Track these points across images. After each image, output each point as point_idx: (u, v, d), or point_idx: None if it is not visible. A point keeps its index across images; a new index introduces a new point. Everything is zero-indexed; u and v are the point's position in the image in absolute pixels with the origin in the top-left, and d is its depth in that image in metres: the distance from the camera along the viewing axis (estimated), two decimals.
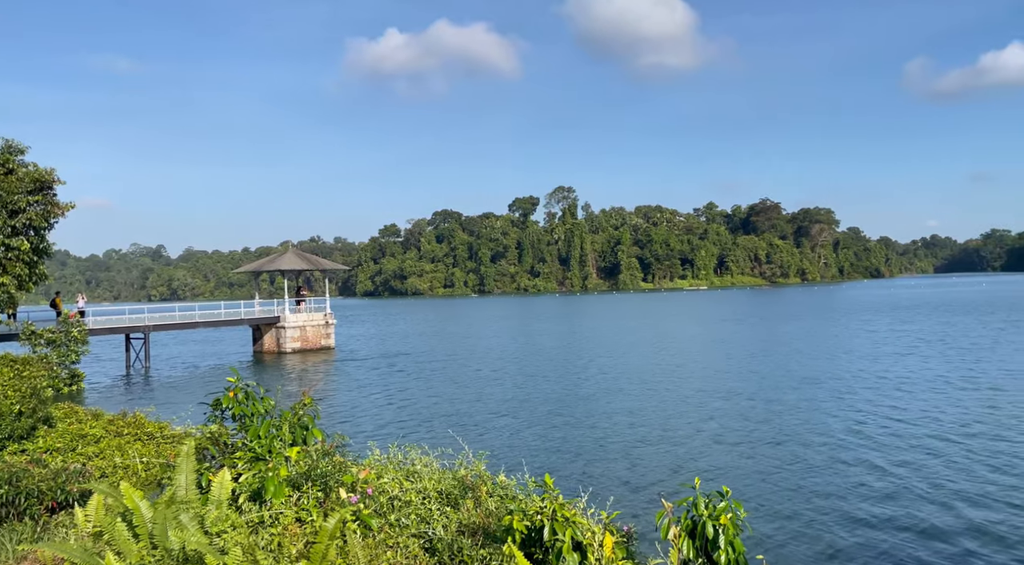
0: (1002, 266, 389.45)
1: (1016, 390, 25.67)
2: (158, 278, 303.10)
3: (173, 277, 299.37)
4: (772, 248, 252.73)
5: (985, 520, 12.76)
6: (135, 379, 38.49)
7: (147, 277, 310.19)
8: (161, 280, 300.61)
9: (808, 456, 17.62)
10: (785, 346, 43.79)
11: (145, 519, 5.07)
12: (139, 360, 43.82)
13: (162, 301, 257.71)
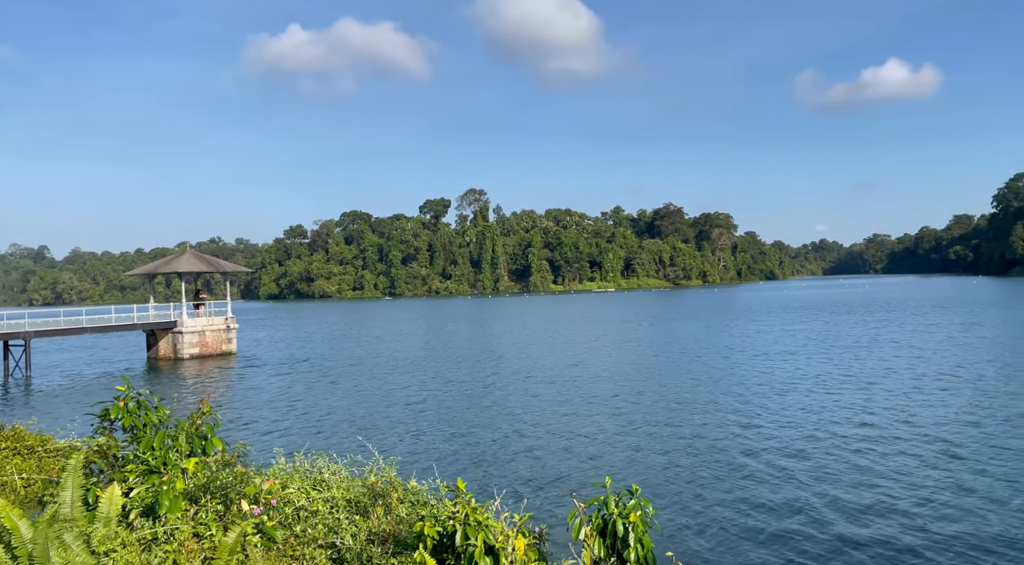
0: (883, 268, 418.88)
1: (890, 384, 27.56)
2: (41, 281, 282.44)
3: (58, 280, 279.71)
4: (675, 251, 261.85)
5: (865, 507, 13.62)
6: (14, 389, 35.72)
7: (28, 280, 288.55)
8: (44, 283, 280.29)
9: (708, 452, 18.31)
10: (686, 346, 45.42)
11: (24, 540, 4.67)
12: (19, 369, 40.71)
13: (45, 305, 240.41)
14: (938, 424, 20.18)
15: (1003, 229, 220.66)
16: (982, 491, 14.19)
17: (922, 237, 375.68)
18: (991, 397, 23.78)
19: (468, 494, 5.35)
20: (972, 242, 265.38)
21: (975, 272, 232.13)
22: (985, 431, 19.10)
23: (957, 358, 34.17)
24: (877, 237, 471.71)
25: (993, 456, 16.71)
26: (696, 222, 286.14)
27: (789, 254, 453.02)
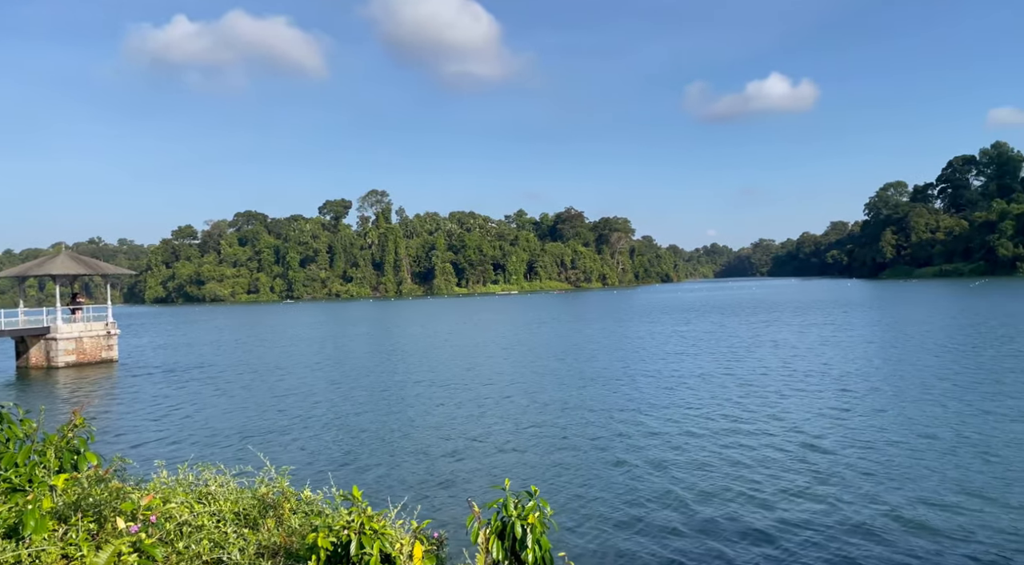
0: (768, 271, 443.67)
1: (766, 382, 29.12)
2: None
3: None
4: (577, 255, 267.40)
5: (735, 496, 14.33)
6: None
7: None
8: None
9: (598, 451, 18.66)
10: (583, 347, 46.39)
11: None
12: None
13: None
14: (805, 419, 21.38)
15: (873, 235, 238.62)
16: (838, 481, 15.18)
17: (803, 242, 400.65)
18: (853, 394, 25.39)
19: (364, 502, 5.21)
20: (847, 247, 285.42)
21: (849, 275, 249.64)
22: (846, 424, 20.39)
23: (827, 356, 36.49)
24: (763, 242, 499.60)
25: (849, 446, 17.87)
26: (596, 226, 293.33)
27: (683, 257, 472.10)
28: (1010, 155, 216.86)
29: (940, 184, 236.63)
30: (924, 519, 12.69)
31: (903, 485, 14.66)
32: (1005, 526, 12.21)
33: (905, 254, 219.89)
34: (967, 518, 12.64)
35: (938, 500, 13.56)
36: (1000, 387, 25.31)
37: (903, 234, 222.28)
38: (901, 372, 29.80)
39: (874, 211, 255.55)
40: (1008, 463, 15.90)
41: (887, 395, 24.70)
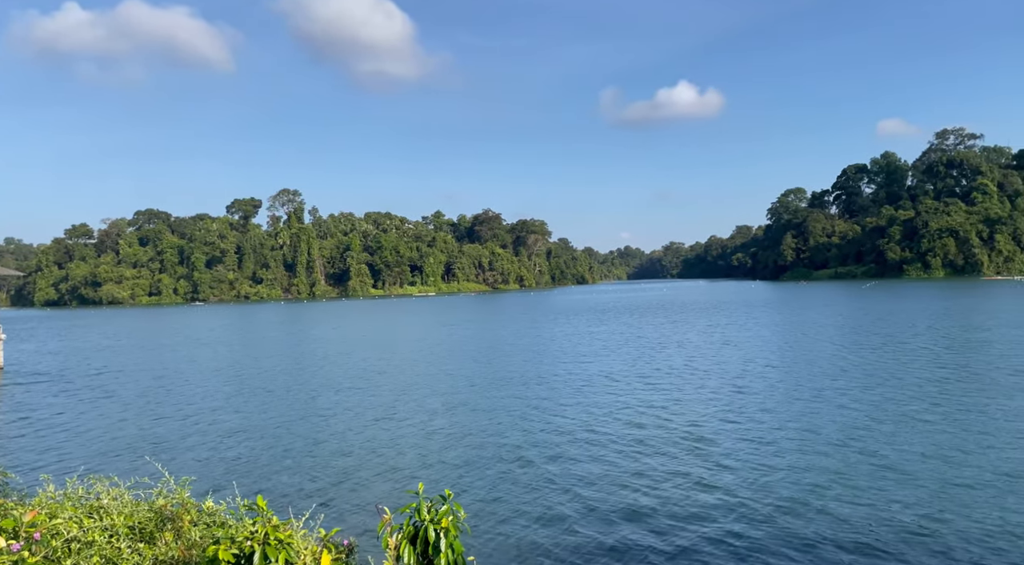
0: (678, 273, 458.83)
1: (671, 382, 30.10)
2: None
3: None
4: (494, 256, 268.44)
5: (664, 497, 14.76)
6: None
7: None
8: None
9: (514, 454, 18.74)
10: (500, 348, 46.58)
11: None
12: None
13: None
14: (702, 418, 22.11)
15: (775, 239, 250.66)
16: (729, 477, 15.86)
17: (711, 245, 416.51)
18: (748, 393, 26.47)
19: (270, 512, 5.02)
20: (751, 250, 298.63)
21: (753, 277, 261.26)
22: (739, 423, 21.19)
23: (727, 356, 38.00)
24: (673, 245, 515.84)
25: (740, 444, 18.63)
26: (513, 228, 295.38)
27: (598, 259, 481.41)
28: (898, 164, 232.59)
29: (835, 191, 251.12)
30: (804, 513, 13.35)
31: (786, 480, 15.39)
32: (885, 517, 13.02)
33: (804, 257, 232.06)
34: (848, 511, 13.41)
35: (818, 495, 14.26)
36: (886, 385, 27.00)
37: (802, 238, 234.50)
38: (795, 371, 31.32)
39: (776, 216, 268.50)
40: (886, 458, 16.96)
41: (780, 393, 25.81)
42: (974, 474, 14.95)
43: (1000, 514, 12.63)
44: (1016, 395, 23.29)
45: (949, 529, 12.06)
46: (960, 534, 11.84)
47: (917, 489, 14.19)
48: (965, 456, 16.35)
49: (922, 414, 21.05)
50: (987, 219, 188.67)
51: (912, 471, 15.41)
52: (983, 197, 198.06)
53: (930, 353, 34.67)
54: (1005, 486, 14.12)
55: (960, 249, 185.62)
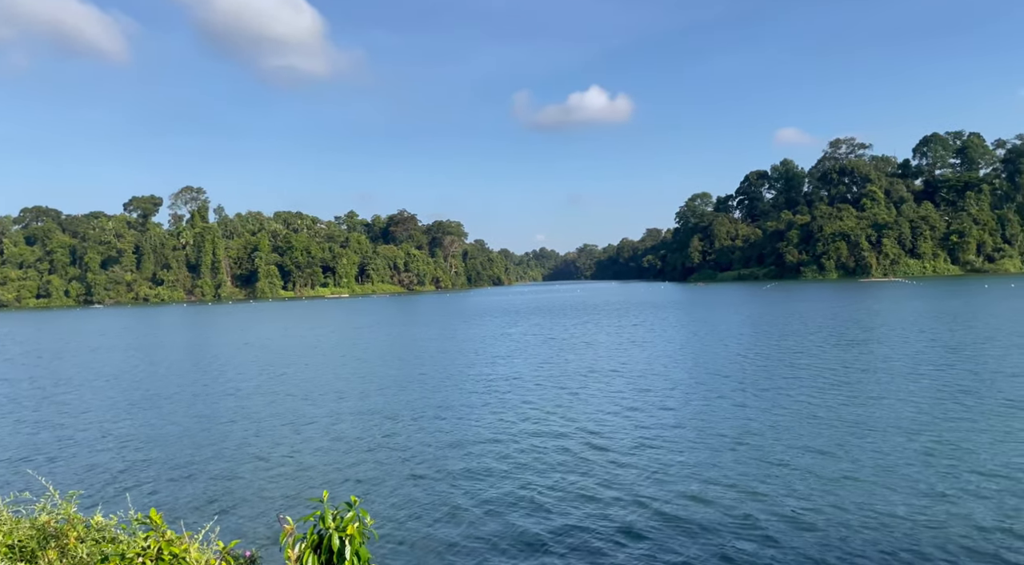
0: (592, 274, 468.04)
1: (576, 383, 30.67)
2: None
3: None
4: (410, 257, 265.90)
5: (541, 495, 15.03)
6: None
7: None
8: None
9: (421, 458, 18.63)
10: (411, 351, 46.16)
11: None
12: None
13: None
14: (604, 418, 22.58)
15: (683, 242, 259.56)
16: (626, 474, 16.39)
17: (622, 247, 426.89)
18: (650, 392, 27.30)
19: (163, 525, 4.80)
20: (660, 252, 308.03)
21: (663, 278, 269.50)
22: (638, 423, 21.81)
23: (634, 356, 39.12)
24: (587, 247, 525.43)
25: (638, 443, 19.20)
26: (429, 229, 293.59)
27: (514, 261, 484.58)
28: (795, 172, 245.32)
29: (739, 196, 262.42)
30: (695, 506, 13.92)
31: (680, 474, 16.01)
32: (770, 508, 13.73)
33: (710, 259, 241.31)
34: (743, 509, 14.07)
35: (711, 493, 14.81)
36: (781, 384, 28.41)
37: (708, 241, 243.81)
38: (695, 370, 32.52)
39: (684, 220, 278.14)
40: (773, 452, 17.89)
41: (680, 392, 26.67)
42: (853, 467, 15.91)
43: (875, 504, 13.54)
44: (897, 390, 24.97)
45: (826, 518, 12.83)
46: (836, 523, 12.62)
47: (802, 481, 15.01)
48: (842, 449, 17.41)
49: (813, 410, 22.27)
50: (875, 224, 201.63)
51: (797, 464, 16.30)
52: (872, 203, 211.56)
53: (820, 351, 36.70)
54: (881, 479, 15.14)
55: (851, 252, 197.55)
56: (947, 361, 30.92)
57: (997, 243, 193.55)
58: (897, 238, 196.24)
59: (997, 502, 13.17)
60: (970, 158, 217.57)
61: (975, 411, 20.79)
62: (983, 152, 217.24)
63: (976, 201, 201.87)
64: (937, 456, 16.28)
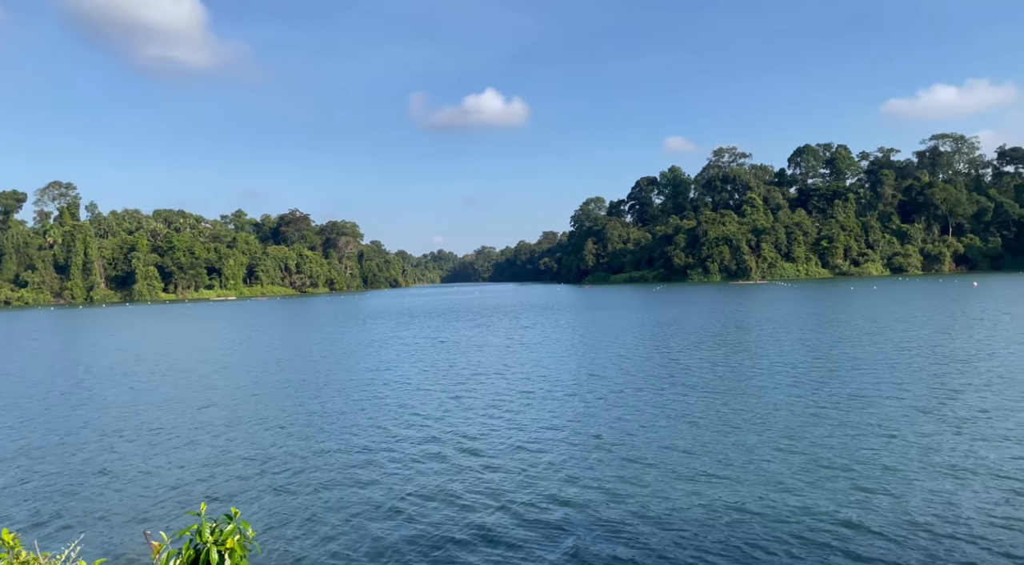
0: (490, 277, 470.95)
1: (461, 387, 30.86)
2: None
3: None
4: (302, 259, 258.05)
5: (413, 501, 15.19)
6: None
7: None
8: None
9: (307, 464, 18.30)
10: (297, 356, 44.87)
11: None
12: None
13: None
14: (486, 419, 23.11)
15: (578, 245, 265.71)
16: (497, 476, 16.90)
17: (520, 250, 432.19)
18: (533, 397, 28.00)
19: (17, 545, 4.45)
20: (556, 255, 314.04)
21: (559, 280, 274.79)
22: (517, 425, 22.32)
23: (521, 357, 39.83)
24: (485, 249, 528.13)
25: (515, 446, 19.75)
26: (323, 230, 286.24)
27: (412, 263, 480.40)
28: (682, 178, 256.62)
29: (630, 201, 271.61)
30: (554, 514, 14.48)
31: (544, 480, 16.48)
32: (654, 513, 14.35)
33: (603, 262, 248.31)
34: (604, 509, 14.75)
35: (576, 495, 15.40)
36: (656, 385, 29.60)
37: (602, 244, 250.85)
38: (578, 372, 33.34)
39: (578, 223, 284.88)
40: (645, 455, 18.70)
41: (560, 394, 27.30)
42: (712, 464, 16.93)
43: (730, 499, 14.53)
44: (760, 388, 26.67)
45: (684, 516, 13.66)
46: (693, 520, 13.49)
47: (663, 480, 15.79)
48: (703, 447, 18.48)
49: (684, 408, 23.47)
50: (755, 229, 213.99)
51: (662, 463, 17.18)
52: (751, 210, 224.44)
53: (695, 350, 38.61)
54: (738, 475, 16.21)
55: (733, 256, 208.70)
56: (807, 359, 33.27)
57: (861, 248, 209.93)
58: (774, 243, 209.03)
59: (843, 493, 14.40)
60: (838, 169, 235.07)
61: (825, 406, 22.55)
62: (849, 163, 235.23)
63: (843, 209, 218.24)
64: (787, 451, 17.58)
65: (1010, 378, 26.09)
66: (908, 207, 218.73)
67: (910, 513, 12.82)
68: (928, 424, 19.45)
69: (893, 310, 63.02)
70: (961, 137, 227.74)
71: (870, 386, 25.50)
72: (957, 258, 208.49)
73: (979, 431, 18.47)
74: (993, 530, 11.96)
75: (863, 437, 18.31)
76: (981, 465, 15.49)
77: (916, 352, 34.07)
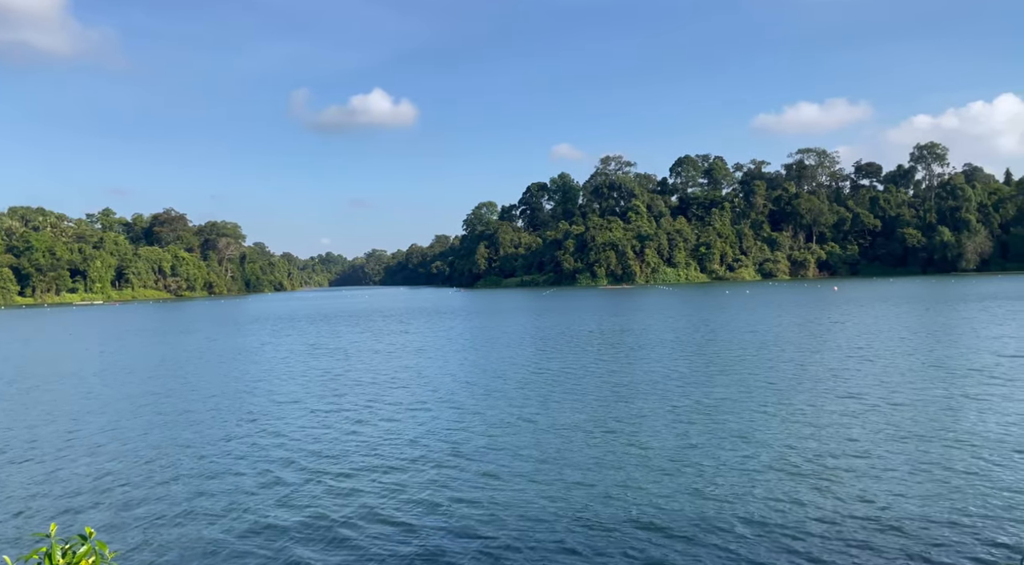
0: (380, 280, 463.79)
1: (337, 390, 29.93)
2: None
3: None
4: (178, 260, 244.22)
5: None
6: None
7: None
8: None
9: (163, 477, 17.15)
10: (163, 364, 42.10)
11: None
12: None
13: None
14: (353, 425, 22.61)
15: (470, 249, 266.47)
16: (363, 483, 16.50)
17: (412, 253, 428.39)
18: (403, 406, 27.57)
19: None
20: (449, 259, 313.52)
21: (451, 284, 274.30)
22: (365, 440, 21.81)
23: (400, 363, 39.25)
24: (376, 252, 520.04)
25: (382, 455, 19.45)
26: (201, 230, 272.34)
27: (298, 266, 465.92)
28: (571, 185, 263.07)
29: (521, 206, 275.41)
30: (429, 513, 14.28)
31: (376, 498, 16.20)
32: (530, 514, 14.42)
33: (495, 266, 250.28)
34: (467, 511, 14.59)
35: (412, 512, 15.28)
36: (517, 391, 29.70)
37: (494, 248, 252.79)
38: (445, 379, 33.06)
39: (471, 227, 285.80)
40: (486, 465, 18.74)
41: (425, 402, 27.02)
42: (550, 468, 17.09)
43: (566, 505, 14.63)
44: (620, 390, 27.33)
45: (522, 525, 13.64)
46: (539, 525, 13.48)
47: (505, 489, 15.78)
48: (539, 450, 18.62)
49: (531, 414, 23.60)
50: (639, 235, 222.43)
51: (505, 472, 17.12)
52: (636, 216, 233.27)
53: (559, 354, 39.26)
54: (580, 478, 16.39)
55: (619, 261, 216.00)
56: (674, 358, 34.48)
57: (736, 255, 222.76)
58: (657, 249, 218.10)
59: (688, 492, 14.81)
60: (715, 179, 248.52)
61: (689, 410, 23.32)
62: (725, 174, 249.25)
63: (720, 217, 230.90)
64: (644, 453, 17.95)
65: (847, 379, 28.37)
66: (777, 216, 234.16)
67: (753, 513, 13.29)
68: (776, 425, 20.42)
69: (764, 314, 67.29)
70: (823, 151, 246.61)
71: (735, 385, 26.60)
72: (820, 264, 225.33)
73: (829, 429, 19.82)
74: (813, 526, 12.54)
75: (721, 439, 18.93)
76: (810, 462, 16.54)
77: (779, 352, 36.22)
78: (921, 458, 16.56)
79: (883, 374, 28.70)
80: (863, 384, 26.53)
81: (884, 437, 18.60)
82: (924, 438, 18.35)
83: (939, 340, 39.93)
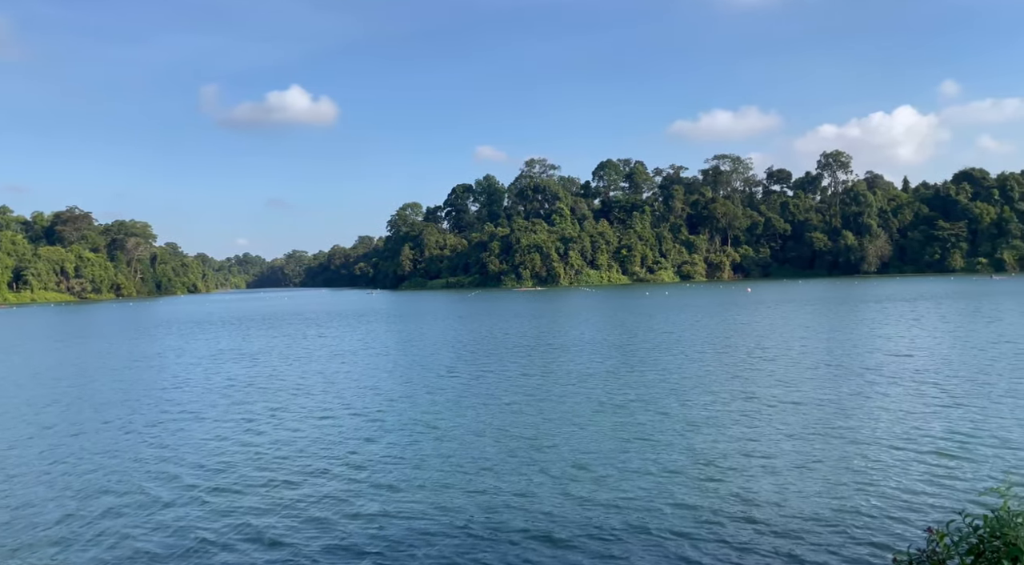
0: (301, 282, 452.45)
1: (248, 397, 28.94)
2: None
3: None
4: (82, 261, 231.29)
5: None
6: None
7: None
8: None
9: (43, 496, 15.82)
10: (52, 373, 39.55)
11: None
12: None
13: None
14: (255, 434, 21.94)
15: (395, 250, 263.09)
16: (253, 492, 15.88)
17: (334, 254, 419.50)
18: (306, 415, 26.86)
19: None
20: (373, 260, 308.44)
21: (375, 286, 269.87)
22: (258, 452, 21.32)
23: (313, 368, 38.25)
24: (296, 253, 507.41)
25: (314, 473, 18.83)
26: (108, 230, 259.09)
27: (213, 267, 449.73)
28: (497, 187, 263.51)
29: (447, 207, 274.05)
30: (338, 517, 13.81)
31: (287, 510, 15.71)
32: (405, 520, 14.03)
33: (420, 267, 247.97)
34: (383, 518, 14.17)
35: (315, 524, 14.86)
36: (437, 399, 29.37)
37: (419, 250, 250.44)
38: (355, 387, 32.43)
39: (395, 228, 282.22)
40: (400, 476, 18.44)
41: (331, 410, 26.40)
42: (454, 474, 16.92)
43: (477, 511, 14.44)
44: (532, 394, 27.34)
45: (442, 533, 13.38)
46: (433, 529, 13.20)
47: (412, 492, 15.48)
48: (441, 457, 18.40)
49: (476, 419, 23.37)
50: (563, 238, 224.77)
51: (410, 483, 16.80)
52: (560, 219, 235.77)
53: (473, 358, 39.07)
54: (503, 485, 16.24)
55: (544, 263, 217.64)
56: (588, 361, 34.76)
57: (656, 257, 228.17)
58: (580, 251, 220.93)
59: (581, 492, 14.80)
60: (636, 183, 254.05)
61: (579, 409, 23.50)
62: (645, 178, 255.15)
63: (640, 221, 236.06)
64: (537, 457, 17.89)
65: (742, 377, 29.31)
66: (695, 220, 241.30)
67: (639, 518, 13.31)
68: (676, 427, 20.68)
69: (680, 316, 68.93)
70: (737, 158, 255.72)
71: (642, 386, 26.95)
72: (735, 266, 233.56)
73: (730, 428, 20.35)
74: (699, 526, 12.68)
75: (624, 442, 19.02)
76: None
77: (689, 353, 37.08)
78: (808, 457, 17.04)
79: (784, 373, 29.69)
80: (764, 384, 27.32)
81: (778, 436, 19.09)
82: (814, 437, 18.94)
83: (838, 340, 41.75)
